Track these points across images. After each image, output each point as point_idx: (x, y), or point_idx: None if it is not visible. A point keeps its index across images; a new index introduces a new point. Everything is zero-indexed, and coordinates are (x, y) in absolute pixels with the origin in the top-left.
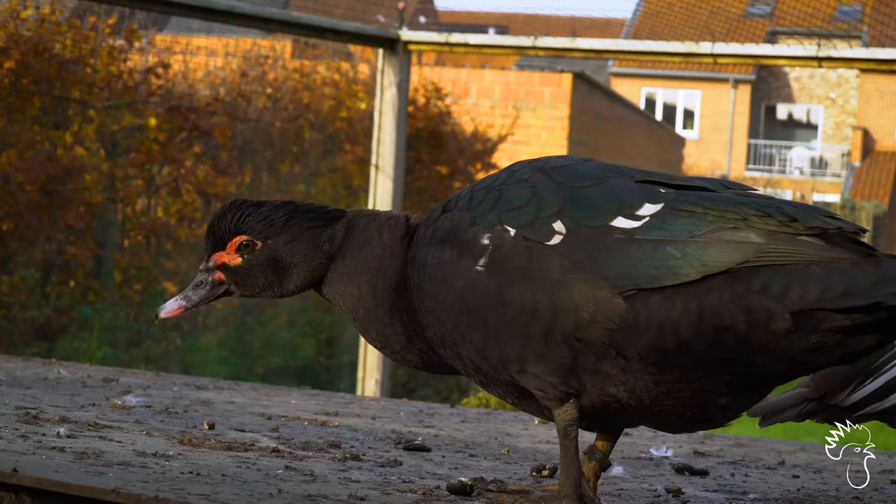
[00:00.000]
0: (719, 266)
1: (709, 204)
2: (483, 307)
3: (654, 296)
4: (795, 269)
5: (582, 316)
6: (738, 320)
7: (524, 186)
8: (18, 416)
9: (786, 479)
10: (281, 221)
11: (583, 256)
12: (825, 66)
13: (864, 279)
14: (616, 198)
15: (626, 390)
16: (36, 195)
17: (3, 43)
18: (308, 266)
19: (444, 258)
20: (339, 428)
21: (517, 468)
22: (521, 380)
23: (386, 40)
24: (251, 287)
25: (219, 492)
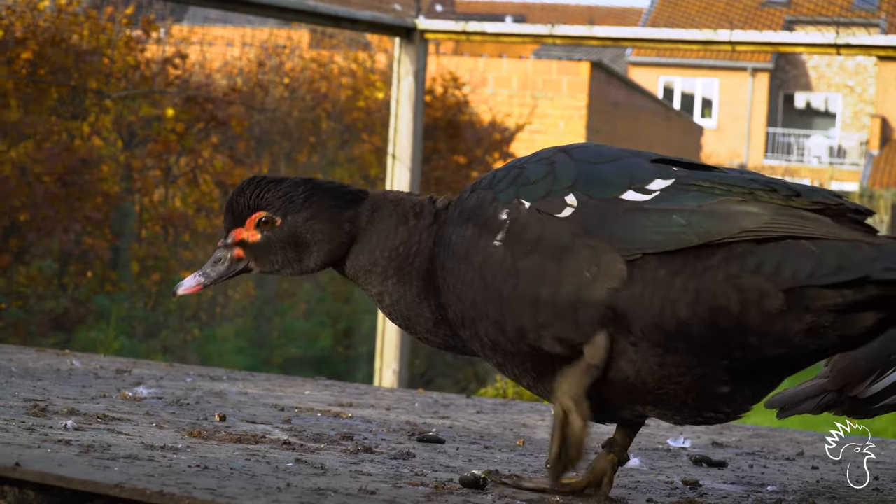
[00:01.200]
0: (721, 234)
1: (717, 180)
2: (498, 279)
3: (656, 269)
4: (791, 245)
5: (584, 276)
6: (732, 300)
7: (544, 164)
8: (27, 409)
9: (805, 470)
10: (301, 198)
11: (592, 223)
12: (843, 53)
13: (857, 256)
14: (628, 173)
15: (634, 370)
16: (53, 186)
17: (21, 34)
18: (328, 245)
19: (467, 236)
20: (353, 419)
21: (532, 460)
22: (541, 344)
23: (403, 29)
24: (270, 264)
25: (225, 486)
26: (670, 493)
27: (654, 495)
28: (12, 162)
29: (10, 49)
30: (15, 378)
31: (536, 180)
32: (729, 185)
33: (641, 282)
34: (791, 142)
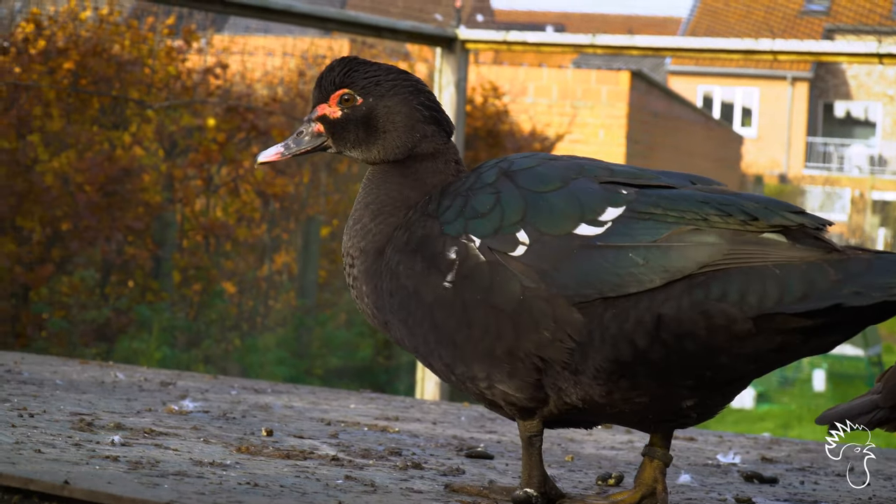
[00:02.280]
0: (682, 271)
1: (668, 204)
2: (451, 325)
3: (613, 307)
4: (754, 271)
5: (543, 335)
6: (699, 327)
7: (489, 192)
8: (73, 423)
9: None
10: (388, 86)
11: (546, 266)
12: (886, 62)
13: (822, 280)
14: (578, 202)
15: (580, 398)
16: (95, 196)
17: (63, 44)
18: (398, 140)
19: (416, 270)
20: (400, 434)
21: (581, 476)
22: (488, 394)
23: (443, 39)
24: (343, 142)
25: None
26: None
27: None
28: (54, 172)
29: (53, 59)
30: (60, 391)
31: (484, 213)
32: (681, 211)
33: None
34: (831, 151)
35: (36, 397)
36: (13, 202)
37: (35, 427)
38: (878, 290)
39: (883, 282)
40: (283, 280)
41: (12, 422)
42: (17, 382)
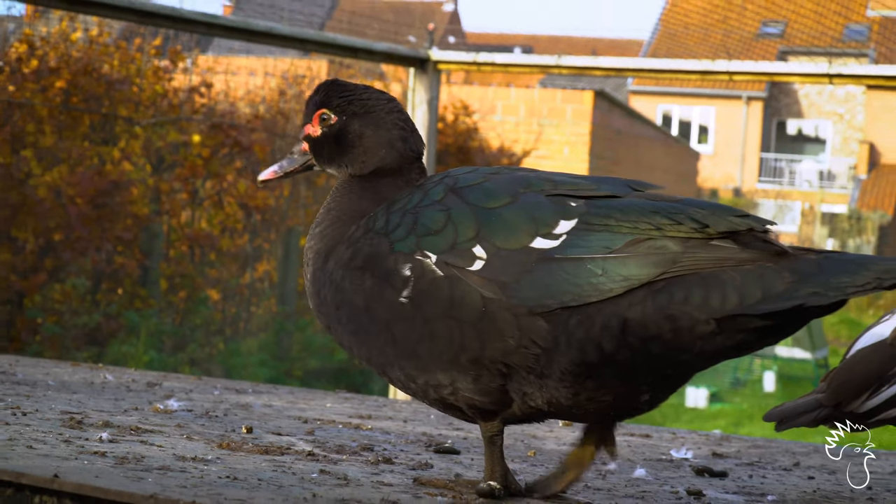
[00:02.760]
0: (640, 279)
1: (620, 215)
2: (412, 338)
3: (578, 314)
4: (712, 276)
5: (509, 343)
6: (664, 329)
7: (438, 209)
8: (63, 421)
9: (801, 480)
10: (359, 105)
11: (506, 279)
12: (836, 82)
13: (777, 282)
14: (531, 217)
15: (545, 401)
16: (86, 208)
17: (55, 63)
18: (365, 156)
19: (365, 287)
20: (372, 431)
21: (543, 470)
22: (451, 399)
23: (417, 60)
24: (321, 158)
25: (254, 497)
26: (676, 502)
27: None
28: (47, 185)
29: (45, 78)
30: (52, 392)
31: (437, 230)
32: (635, 222)
33: (562, 328)
34: (783, 166)
35: (29, 397)
36: (8, 214)
37: (27, 425)
38: (834, 289)
39: (837, 282)
40: (264, 287)
41: (6, 420)
42: (11, 383)
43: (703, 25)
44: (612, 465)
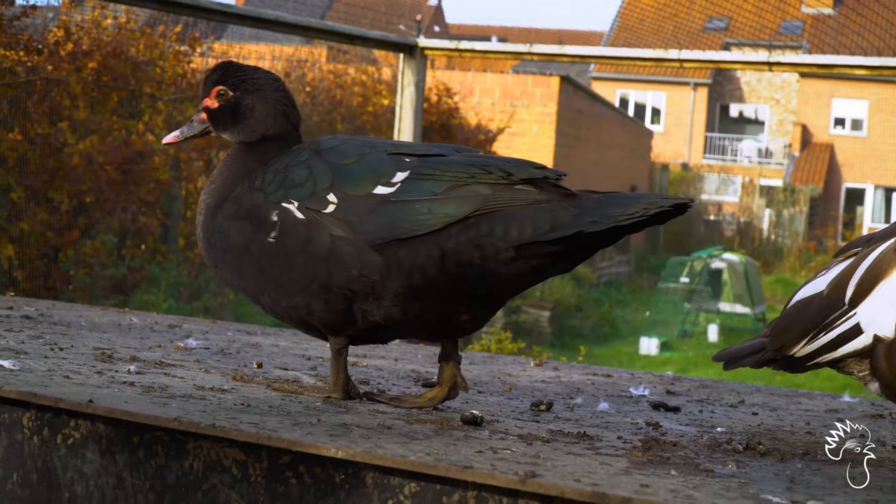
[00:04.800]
0: (457, 215)
1: (444, 167)
2: (276, 270)
3: (406, 247)
4: (512, 212)
5: (352, 272)
6: (474, 256)
7: (303, 167)
8: (95, 356)
9: (746, 415)
10: (251, 83)
11: (353, 218)
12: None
13: (564, 215)
14: (374, 170)
15: (382, 317)
16: (114, 174)
17: (87, 47)
18: (255, 125)
19: (245, 231)
20: (367, 368)
21: (518, 403)
22: (307, 319)
23: (406, 46)
24: (218, 126)
25: (266, 420)
26: (636, 431)
27: (622, 433)
28: (80, 153)
29: (79, 59)
30: (84, 331)
31: (300, 183)
32: (454, 172)
33: (393, 258)
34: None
35: (64, 335)
36: (46, 178)
37: (64, 359)
38: (608, 218)
39: (612, 212)
40: None
41: (45, 354)
42: (48, 324)
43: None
44: (579, 399)
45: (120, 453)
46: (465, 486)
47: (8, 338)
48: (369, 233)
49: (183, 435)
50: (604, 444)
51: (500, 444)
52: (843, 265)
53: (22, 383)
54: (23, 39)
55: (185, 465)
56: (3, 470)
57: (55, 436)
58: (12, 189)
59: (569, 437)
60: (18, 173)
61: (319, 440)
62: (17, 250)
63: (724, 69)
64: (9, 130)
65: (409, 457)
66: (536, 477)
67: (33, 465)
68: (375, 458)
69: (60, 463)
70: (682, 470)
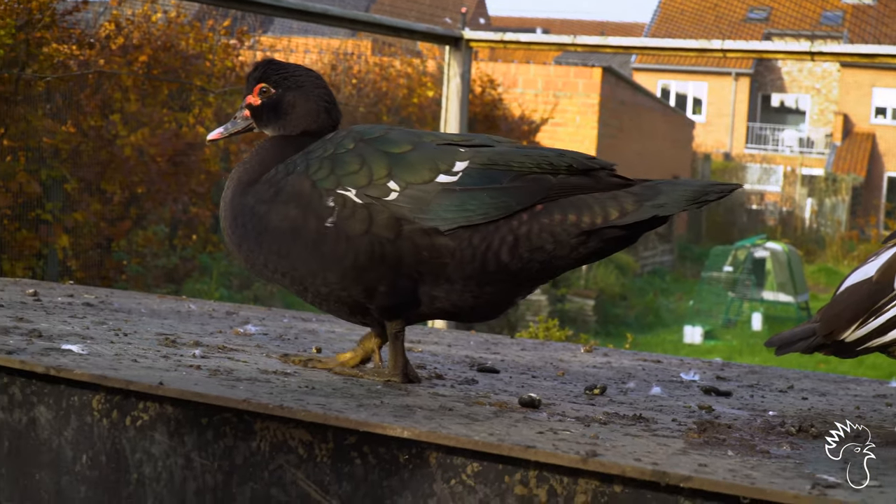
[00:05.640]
0: (527, 202)
1: (499, 157)
2: (338, 253)
3: (478, 233)
4: (579, 200)
5: (423, 254)
6: (547, 242)
7: (352, 155)
8: (159, 341)
9: (797, 400)
10: (293, 81)
11: (419, 205)
12: (816, 59)
13: (628, 202)
14: (432, 159)
15: (451, 304)
16: (165, 165)
17: (138, 41)
18: (297, 120)
19: (291, 215)
20: (422, 353)
21: (572, 387)
22: (369, 303)
23: (451, 38)
24: (261, 122)
25: (331, 402)
26: (689, 414)
27: (676, 416)
28: (132, 145)
29: (130, 53)
30: (145, 317)
31: (355, 171)
32: (518, 161)
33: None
34: (767, 134)
35: (127, 321)
36: (99, 170)
37: (129, 343)
38: (674, 204)
39: (674, 197)
40: None
41: (111, 339)
42: (110, 311)
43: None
44: (631, 383)
45: (188, 434)
46: (527, 466)
47: (73, 324)
48: (438, 219)
49: (251, 416)
50: (659, 427)
51: (558, 425)
52: (892, 251)
53: (92, 367)
54: (75, 34)
55: (253, 446)
56: (72, 451)
57: (124, 418)
58: (66, 181)
59: (625, 420)
60: (72, 165)
61: (385, 421)
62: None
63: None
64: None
65: (473, 437)
66: (597, 456)
67: (102, 447)
68: (440, 437)
69: (129, 444)
70: (739, 451)
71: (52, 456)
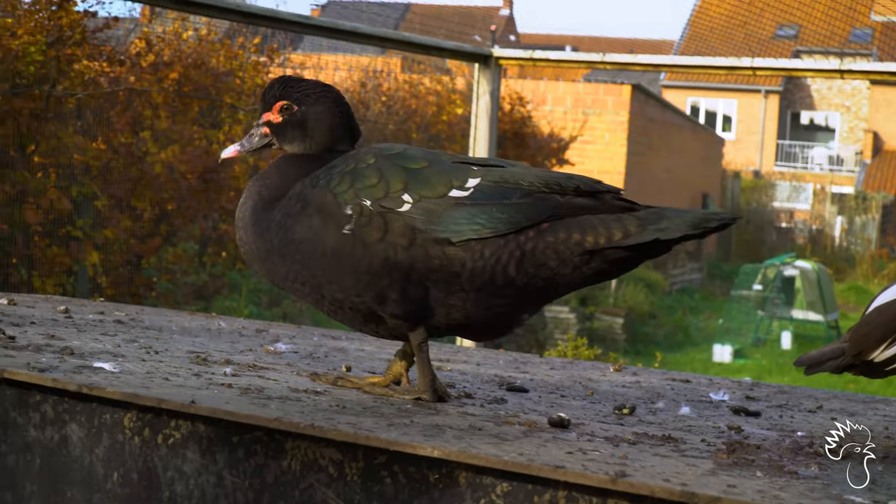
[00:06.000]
0: (535, 219)
1: (510, 176)
2: (353, 259)
3: (489, 247)
4: (585, 220)
5: (433, 262)
6: (550, 259)
7: (372, 169)
8: (191, 359)
9: (826, 420)
10: (315, 97)
11: (430, 216)
12: (846, 77)
13: (632, 225)
14: (446, 174)
15: (464, 315)
16: (195, 182)
17: (169, 58)
18: (321, 138)
19: (313, 225)
20: (451, 372)
21: (601, 406)
22: (381, 310)
23: (481, 56)
24: (284, 140)
25: (362, 421)
26: (719, 434)
27: (706, 436)
28: (162, 162)
29: (161, 70)
30: (176, 335)
31: (373, 184)
32: (528, 180)
33: (478, 255)
34: (797, 152)
35: (158, 339)
36: (129, 187)
37: (161, 361)
38: (675, 229)
39: (676, 223)
40: None
41: (142, 357)
42: (141, 328)
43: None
44: (661, 403)
45: (220, 453)
46: (557, 486)
47: (104, 341)
48: (447, 230)
49: (282, 434)
50: (688, 447)
51: (588, 445)
52: None
53: (124, 385)
54: (105, 51)
55: (284, 465)
56: (104, 469)
57: (156, 436)
58: (97, 197)
59: (654, 440)
60: (102, 182)
61: (415, 440)
62: (102, 257)
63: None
64: (93, 140)
65: (503, 456)
66: (626, 476)
67: (133, 465)
68: (470, 457)
69: (161, 462)
70: (767, 471)
71: (84, 473)
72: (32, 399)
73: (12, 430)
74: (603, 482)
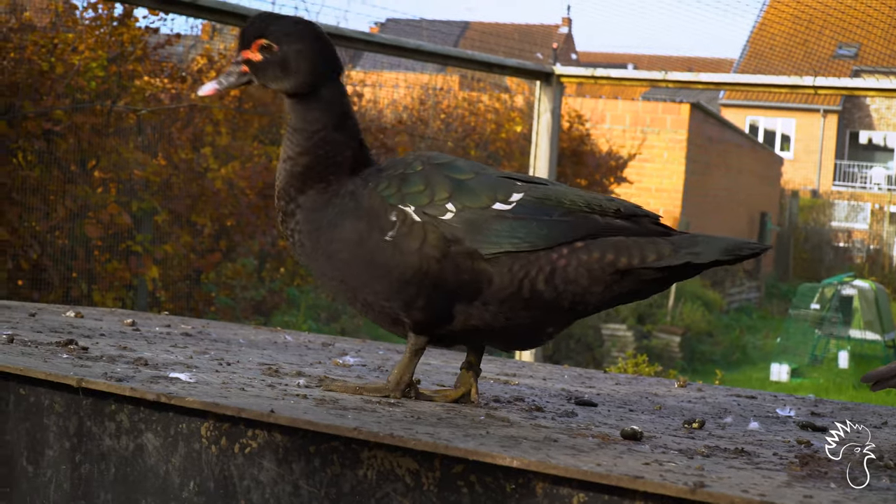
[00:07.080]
0: (569, 237)
1: (552, 193)
2: (389, 265)
3: (520, 259)
4: (619, 241)
5: (463, 277)
6: (582, 276)
7: (420, 176)
8: (263, 371)
9: (892, 435)
10: (296, 35)
11: (469, 227)
12: None
13: (665, 248)
14: (492, 187)
15: (484, 323)
16: (255, 198)
17: None
18: (305, 77)
19: (360, 228)
20: (519, 386)
21: (670, 421)
22: (404, 316)
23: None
24: (265, 78)
25: (439, 431)
26: (789, 449)
27: (777, 450)
28: (222, 178)
29: None
30: (244, 348)
31: (419, 191)
32: (569, 199)
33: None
34: (855, 171)
35: (227, 351)
36: (189, 202)
37: (234, 372)
38: (708, 254)
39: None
40: None
41: (215, 369)
42: (209, 341)
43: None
44: (729, 418)
45: (296, 462)
46: (634, 496)
47: (176, 353)
48: (484, 242)
49: (358, 444)
50: (762, 460)
51: (662, 457)
52: None
53: (202, 394)
54: (167, 67)
55: (360, 474)
56: (179, 478)
57: (233, 445)
58: (157, 212)
59: (727, 453)
60: (163, 197)
61: (493, 450)
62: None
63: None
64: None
65: (581, 467)
66: (705, 487)
67: (210, 474)
68: (549, 467)
69: (237, 471)
70: (840, 483)
71: (159, 483)
72: (108, 408)
73: (87, 439)
74: (682, 492)
